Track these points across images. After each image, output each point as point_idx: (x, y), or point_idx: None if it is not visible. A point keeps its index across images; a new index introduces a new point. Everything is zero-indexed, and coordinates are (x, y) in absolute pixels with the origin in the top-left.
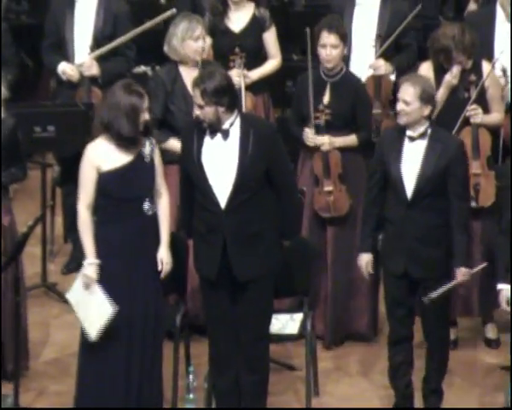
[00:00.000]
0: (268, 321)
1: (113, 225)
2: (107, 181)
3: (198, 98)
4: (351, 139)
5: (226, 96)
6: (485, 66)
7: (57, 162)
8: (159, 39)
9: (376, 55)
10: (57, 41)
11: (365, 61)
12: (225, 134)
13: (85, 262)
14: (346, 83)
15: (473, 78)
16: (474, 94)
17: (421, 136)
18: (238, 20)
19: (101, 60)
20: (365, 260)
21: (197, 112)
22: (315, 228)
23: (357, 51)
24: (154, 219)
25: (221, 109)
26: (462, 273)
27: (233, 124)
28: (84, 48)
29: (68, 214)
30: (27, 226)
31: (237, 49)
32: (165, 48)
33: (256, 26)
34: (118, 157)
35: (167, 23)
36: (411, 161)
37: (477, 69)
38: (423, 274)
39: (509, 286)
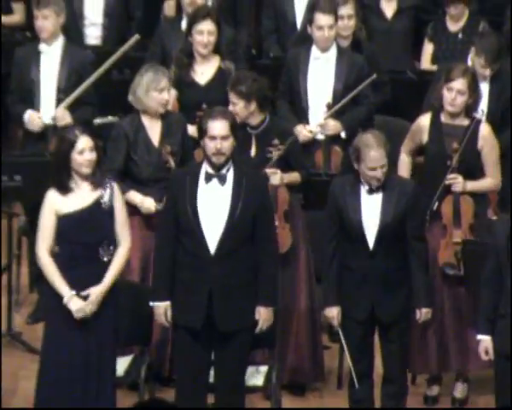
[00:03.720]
0: (244, 372)
1: (69, 271)
2: (63, 225)
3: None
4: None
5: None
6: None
7: (24, 212)
8: (125, 89)
9: (325, 117)
10: (23, 92)
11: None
12: (222, 179)
13: (65, 299)
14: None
15: (456, 146)
16: (454, 162)
17: (378, 188)
18: (203, 72)
19: (70, 109)
20: (334, 313)
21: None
22: None
23: (313, 107)
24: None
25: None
26: (424, 313)
27: (229, 170)
28: (51, 99)
29: (34, 264)
30: None
31: (204, 105)
32: (130, 97)
33: (221, 79)
34: (75, 202)
35: (134, 73)
36: (370, 211)
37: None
38: (392, 317)
39: (488, 337)
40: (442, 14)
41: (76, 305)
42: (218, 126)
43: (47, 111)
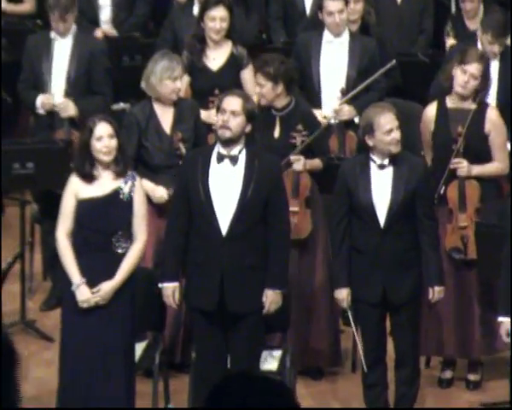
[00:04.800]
0: (259, 355)
1: (81, 256)
2: (80, 209)
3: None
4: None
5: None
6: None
7: (36, 199)
8: (137, 76)
9: (340, 102)
10: (34, 80)
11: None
12: (234, 160)
13: (73, 286)
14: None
15: (460, 129)
16: (459, 145)
17: (389, 162)
18: (216, 58)
19: (77, 99)
20: (343, 294)
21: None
22: None
23: (326, 92)
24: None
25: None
26: (437, 292)
27: (241, 151)
28: (62, 88)
29: (47, 251)
30: (6, 263)
31: (217, 91)
32: (143, 84)
33: (233, 65)
34: (95, 188)
35: (145, 59)
36: (381, 189)
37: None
38: (403, 299)
39: (509, 319)
40: (458, 10)
41: (82, 295)
42: (229, 101)
43: (58, 98)
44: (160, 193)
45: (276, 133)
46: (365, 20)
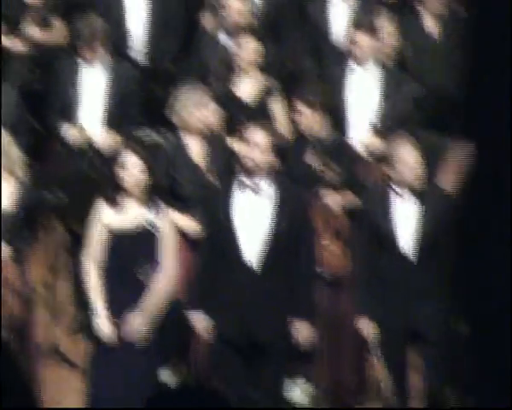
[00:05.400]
0: (284, 384)
1: (108, 284)
2: (107, 239)
3: None
4: None
5: None
6: None
7: (65, 227)
8: (165, 104)
9: (370, 135)
10: (63, 108)
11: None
12: (259, 191)
13: (96, 317)
14: None
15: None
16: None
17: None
18: (246, 88)
19: (108, 129)
20: (368, 325)
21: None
22: None
23: (354, 123)
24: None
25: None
26: None
27: (267, 182)
28: (92, 115)
29: (74, 278)
30: (35, 292)
31: (245, 120)
32: (171, 114)
33: (264, 96)
34: (122, 217)
35: (173, 87)
36: (408, 220)
37: None
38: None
39: None
40: None
41: (103, 328)
42: (254, 132)
43: (87, 126)
44: (190, 224)
45: (310, 163)
46: (401, 53)
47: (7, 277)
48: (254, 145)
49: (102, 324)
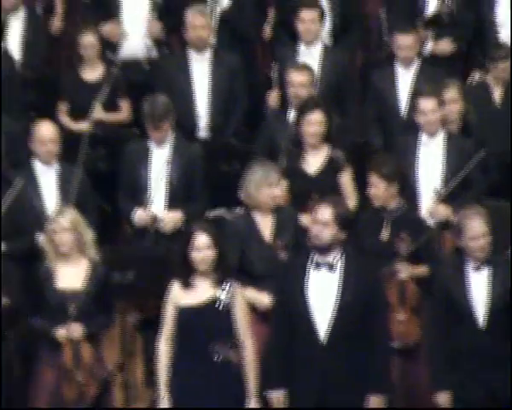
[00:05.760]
0: None
1: (181, 363)
2: (179, 317)
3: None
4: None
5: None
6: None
7: (136, 308)
8: (234, 181)
9: (434, 203)
10: (132, 189)
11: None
12: (330, 267)
13: (158, 397)
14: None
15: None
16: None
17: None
18: (313, 162)
19: (179, 206)
20: (445, 398)
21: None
22: None
23: (423, 194)
24: (224, 369)
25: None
26: None
27: (337, 258)
28: (160, 197)
29: (148, 360)
30: (109, 374)
31: (314, 195)
32: (241, 193)
33: (331, 168)
34: (194, 296)
35: (242, 164)
36: (480, 289)
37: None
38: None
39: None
40: None
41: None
42: (320, 211)
43: (156, 209)
44: (264, 300)
45: (385, 236)
46: (465, 119)
47: (83, 358)
48: (323, 220)
49: (163, 404)
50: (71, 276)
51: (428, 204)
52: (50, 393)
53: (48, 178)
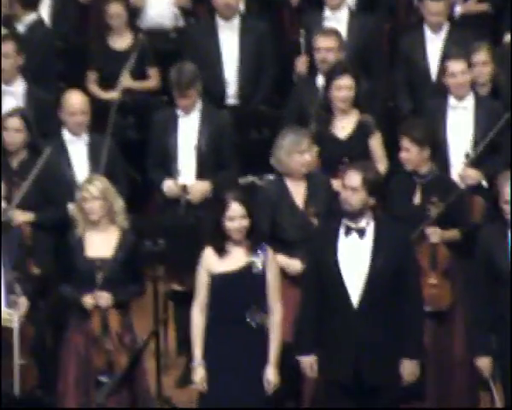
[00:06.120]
0: None
1: (216, 330)
2: (213, 284)
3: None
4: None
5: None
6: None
7: (168, 276)
8: (264, 148)
9: (465, 165)
10: (161, 157)
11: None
12: (361, 232)
13: (192, 364)
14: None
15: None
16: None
17: None
18: (343, 127)
19: (209, 174)
20: (486, 363)
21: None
22: None
23: (453, 158)
24: (259, 334)
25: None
26: None
27: (368, 223)
28: (190, 164)
29: (181, 328)
30: (142, 342)
31: (346, 160)
32: (272, 160)
33: (361, 133)
34: (228, 263)
35: (272, 131)
36: None
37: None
38: None
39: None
40: None
41: (196, 376)
42: (349, 176)
43: (185, 177)
44: (295, 266)
45: (416, 201)
46: (495, 82)
47: (111, 326)
48: (353, 185)
49: (196, 373)
50: (100, 244)
51: (459, 168)
52: (80, 360)
53: (78, 148)
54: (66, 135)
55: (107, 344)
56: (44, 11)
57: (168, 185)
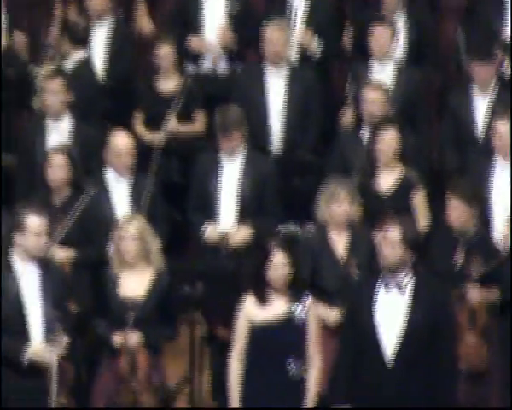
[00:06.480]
0: None
1: (254, 379)
2: (253, 332)
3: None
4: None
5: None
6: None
7: (205, 321)
8: (307, 196)
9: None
10: (203, 201)
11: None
12: (400, 287)
13: None
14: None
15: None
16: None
17: None
18: (387, 181)
19: (250, 220)
20: None
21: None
22: None
23: (498, 217)
24: (297, 384)
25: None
26: None
27: (407, 278)
28: (231, 210)
29: (216, 373)
30: (176, 386)
31: (388, 212)
32: (314, 208)
33: (405, 188)
34: (269, 312)
35: (315, 180)
36: None
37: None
38: None
39: None
40: None
41: None
42: (390, 231)
43: (226, 222)
44: (335, 316)
45: (459, 259)
46: None
47: (139, 367)
48: (392, 240)
49: None
50: (134, 284)
51: (502, 229)
52: (108, 398)
53: (120, 188)
54: (110, 174)
55: (134, 384)
56: (98, 49)
57: (209, 231)
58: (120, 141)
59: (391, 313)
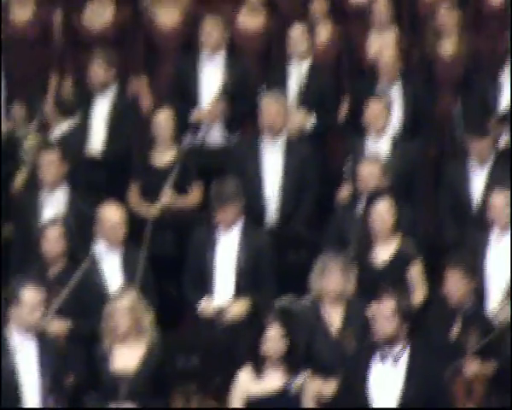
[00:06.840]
0: None
1: None
2: (250, 406)
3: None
4: None
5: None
6: None
7: (200, 394)
8: (301, 270)
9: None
10: (198, 274)
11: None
12: (395, 359)
13: None
14: None
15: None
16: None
17: None
18: (382, 253)
19: (246, 293)
20: None
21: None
22: None
23: (493, 292)
24: None
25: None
26: None
27: (403, 350)
28: (227, 283)
29: None
30: None
31: (383, 285)
32: (308, 281)
33: (400, 261)
34: (265, 383)
35: (311, 254)
36: None
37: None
38: None
39: None
40: None
41: None
42: (384, 303)
43: (222, 295)
44: (329, 390)
45: (455, 332)
46: None
47: None
48: (386, 313)
49: None
50: (126, 357)
51: (497, 302)
52: None
53: (112, 260)
54: (101, 246)
55: None
56: (99, 119)
57: (205, 307)
58: (112, 214)
59: (385, 385)
